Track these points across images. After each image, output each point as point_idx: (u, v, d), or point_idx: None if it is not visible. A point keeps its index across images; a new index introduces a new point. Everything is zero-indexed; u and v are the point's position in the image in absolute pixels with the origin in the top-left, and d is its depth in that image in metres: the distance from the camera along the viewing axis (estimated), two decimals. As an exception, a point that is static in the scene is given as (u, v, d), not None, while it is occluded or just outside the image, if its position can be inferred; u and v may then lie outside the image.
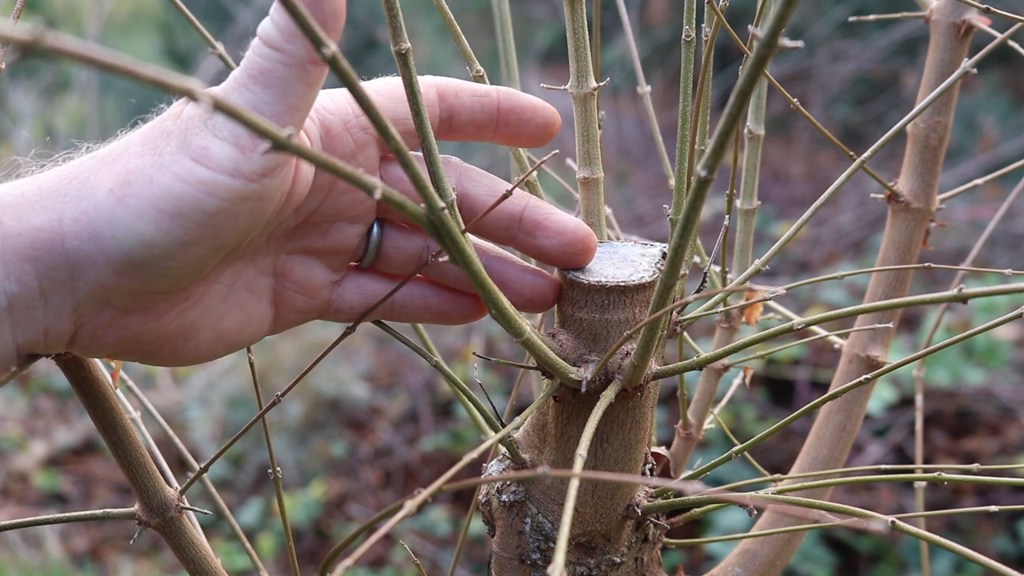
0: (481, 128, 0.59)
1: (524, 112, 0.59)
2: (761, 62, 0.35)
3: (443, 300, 0.61)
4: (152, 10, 6.08)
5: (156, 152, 0.49)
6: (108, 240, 0.48)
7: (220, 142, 0.48)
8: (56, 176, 0.50)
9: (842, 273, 0.64)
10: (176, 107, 0.51)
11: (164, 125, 0.50)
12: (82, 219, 0.48)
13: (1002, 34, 0.72)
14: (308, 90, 0.49)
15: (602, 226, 0.65)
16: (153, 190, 0.48)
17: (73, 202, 0.49)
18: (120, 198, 0.48)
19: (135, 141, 0.50)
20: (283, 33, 0.48)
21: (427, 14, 5.15)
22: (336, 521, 2.95)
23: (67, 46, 0.28)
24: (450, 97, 0.58)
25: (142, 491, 0.60)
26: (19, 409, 3.51)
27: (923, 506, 0.93)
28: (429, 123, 0.53)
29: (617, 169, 4.54)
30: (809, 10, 4.78)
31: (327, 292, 0.60)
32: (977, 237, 2.31)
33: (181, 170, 0.48)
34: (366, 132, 0.56)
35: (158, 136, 0.49)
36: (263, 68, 0.48)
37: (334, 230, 0.58)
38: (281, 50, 0.48)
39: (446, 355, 3.27)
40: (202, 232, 0.49)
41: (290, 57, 0.48)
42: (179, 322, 0.54)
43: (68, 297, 0.50)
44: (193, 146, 0.48)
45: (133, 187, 0.48)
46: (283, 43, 0.48)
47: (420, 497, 0.39)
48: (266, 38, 0.48)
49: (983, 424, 2.76)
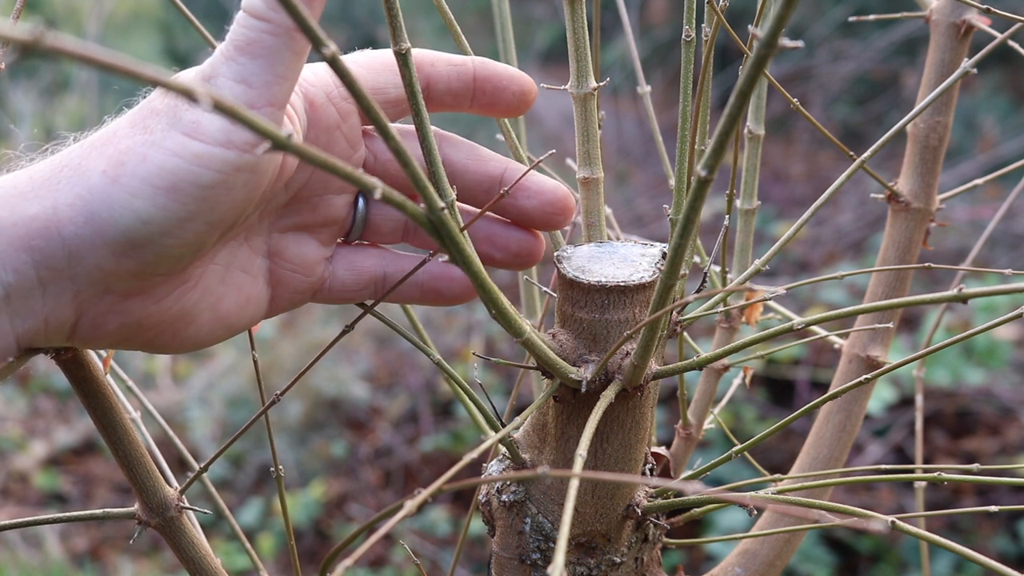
0: (458, 97, 0.60)
1: (500, 80, 0.60)
2: (761, 62, 0.35)
3: (433, 278, 0.62)
4: (152, 10, 6.08)
5: (147, 131, 0.49)
6: (105, 222, 0.48)
7: (211, 115, 0.48)
8: (47, 165, 0.50)
9: (842, 273, 0.64)
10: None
11: (152, 105, 0.50)
12: (77, 204, 0.48)
13: (1002, 34, 0.72)
14: (295, 58, 0.50)
15: (602, 226, 0.65)
16: (147, 167, 0.48)
17: (67, 188, 0.49)
18: (114, 178, 0.48)
19: (124, 123, 0.50)
20: (267, 2, 0.48)
21: (427, 14, 5.15)
22: (336, 521, 2.95)
23: (67, 46, 0.28)
24: (426, 67, 0.58)
25: (142, 491, 0.60)
26: (19, 409, 3.52)
27: (923, 506, 0.93)
28: (429, 123, 0.53)
29: (617, 169, 4.54)
30: (809, 10, 4.78)
31: (320, 269, 0.61)
32: (977, 237, 2.31)
33: (174, 145, 0.48)
34: (348, 102, 0.57)
35: (147, 116, 0.50)
36: (250, 39, 0.49)
37: (323, 203, 0.59)
38: (267, 20, 0.48)
39: (446, 355, 3.27)
40: (199, 206, 0.49)
41: (276, 26, 0.48)
42: (179, 305, 0.55)
43: (67, 284, 0.50)
44: (184, 120, 0.48)
45: (127, 167, 0.48)
46: (269, 12, 0.48)
47: (420, 497, 0.39)
48: (251, 9, 0.49)
49: (983, 424, 2.76)
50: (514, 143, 0.67)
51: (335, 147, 0.58)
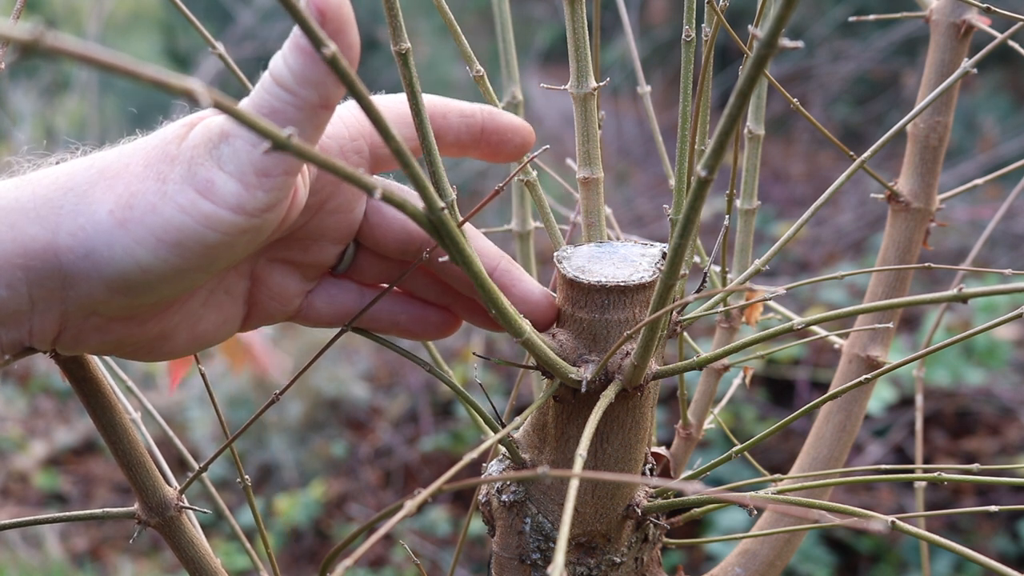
0: (464, 147, 0.60)
1: (505, 133, 0.60)
2: (761, 62, 0.35)
3: (410, 319, 0.63)
4: (152, 10, 6.08)
5: (160, 178, 0.49)
6: (104, 261, 0.48)
7: (225, 176, 0.48)
8: (52, 183, 0.50)
9: (842, 273, 0.64)
10: (180, 128, 0.50)
11: (168, 149, 0.49)
12: (79, 235, 0.48)
13: (1002, 34, 0.72)
14: (316, 132, 0.50)
15: (602, 226, 0.65)
16: (155, 219, 0.48)
17: (70, 216, 0.48)
18: (121, 221, 0.48)
19: (137, 160, 0.50)
20: (296, 77, 0.48)
21: (427, 14, 5.15)
22: (336, 521, 2.95)
23: (67, 46, 0.28)
24: (438, 118, 0.59)
25: (142, 490, 0.60)
26: (19, 409, 3.52)
27: (923, 506, 0.93)
28: (429, 123, 0.53)
29: (617, 169, 4.54)
30: (809, 10, 4.78)
31: (299, 301, 0.61)
32: (977, 237, 2.30)
33: (185, 202, 0.48)
34: (359, 156, 0.57)
35: (161, 160, 0.49)
36: (273, 107, 0.48)
37: (315, 247, 0.59)
38: (293, 93, 0.48)
39: (446, 355, 3.27)
40: (199, 262, 0.49)
41: (302, 101, 0.48)
42: (160, 327, 0.55)
43: (57, 304, 0.50)
44: (198, 178, 0.48)
45: (135, 212, 0.48)
46: (295, 87, 0.48)
47: (420, 497, 0.39)
48: (278, 78, 0.48)
49: (983, 424, 2.76)
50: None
51: (339, 195, 0.58)
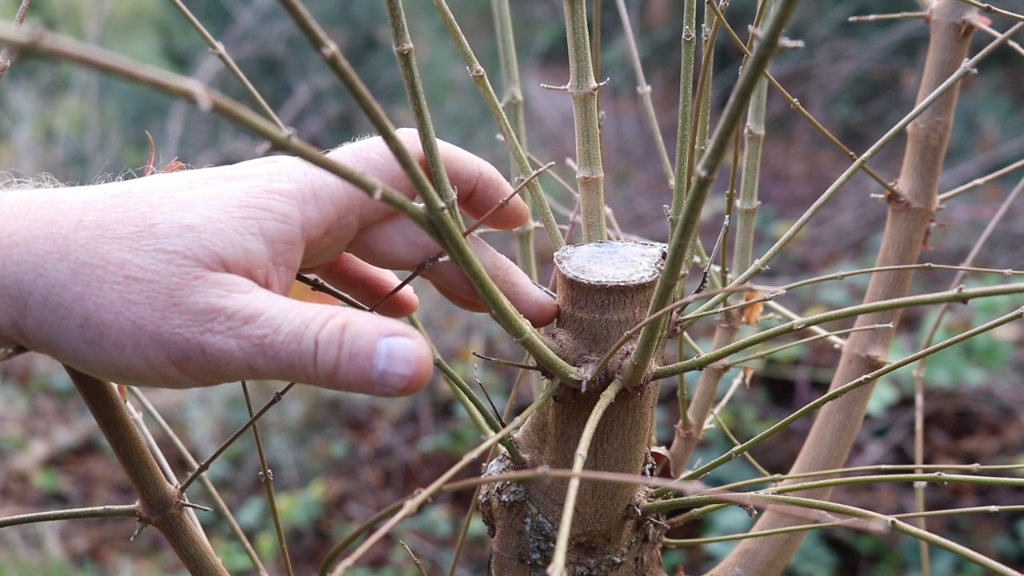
0: (474, 212, 0.62)
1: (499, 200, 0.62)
2: (761, 62, 0.35)
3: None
4: (152, 10, 6.08)
5: (131, 302, 0.48)
6: (68, 359, 0.50)
7: (199, 350, 0.48)
8: (44, 228, 0.49)
9: (842, 273, 0.64)
10: (160, 259, 0.48)
11: (148, 270, 0.48)
12: (45, 329, 0.48)
13: (1002, 34, 0.72)
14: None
15: (602, 226, 0.65)
16: (120, 355, 0.48)
17: (40, 297, 0.48)
18: (89, 340, 0.48)
19: (114, 261, 0.48)
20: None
21: (427, 14, 5.15)
22: (336, 521, 2.95)
23: (65, 48, 0.28)
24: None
25: (143, 487, 0.60)
26: (19, 409, 3.52)
27: (923, 506, 0.93)
28: (430, 123, 0.53)
29: (617, 169, 4.54)
30: (809, 10, 4.78)
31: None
32: (977, 237, 2.30)
33: (154, 360, 0.48)
34: (352, 215, 0.57)
35: (136, 279, 0.48)
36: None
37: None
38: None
39: (446, 355, 3.27)
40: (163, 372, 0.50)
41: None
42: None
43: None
44: (166, 340, 0.48)
45: (105, 338, 0.48)
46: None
47: (420, 497, 0.39)
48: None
49: (983, 424, 2.76)
50: (514, 143, 0.67)
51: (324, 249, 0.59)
